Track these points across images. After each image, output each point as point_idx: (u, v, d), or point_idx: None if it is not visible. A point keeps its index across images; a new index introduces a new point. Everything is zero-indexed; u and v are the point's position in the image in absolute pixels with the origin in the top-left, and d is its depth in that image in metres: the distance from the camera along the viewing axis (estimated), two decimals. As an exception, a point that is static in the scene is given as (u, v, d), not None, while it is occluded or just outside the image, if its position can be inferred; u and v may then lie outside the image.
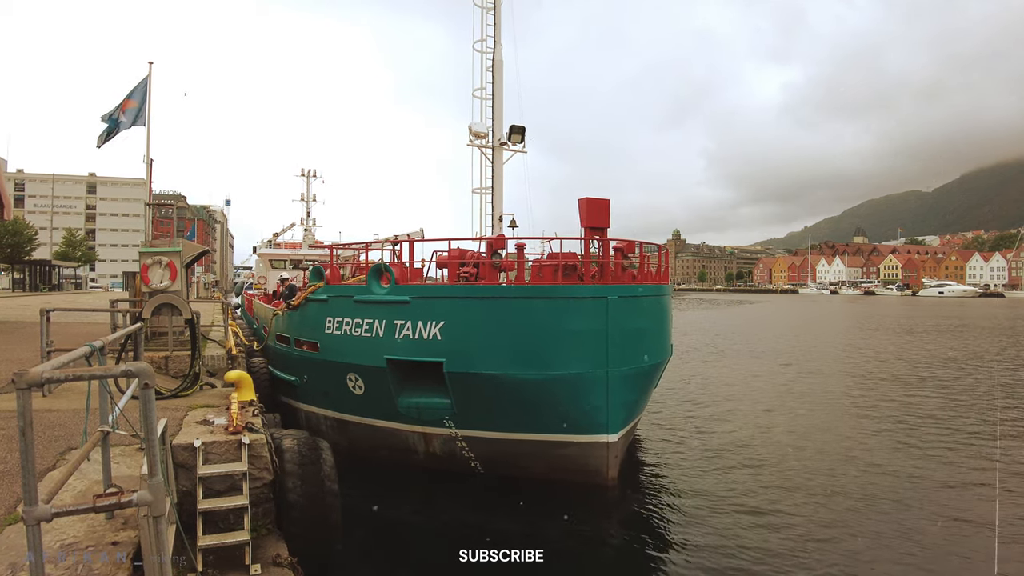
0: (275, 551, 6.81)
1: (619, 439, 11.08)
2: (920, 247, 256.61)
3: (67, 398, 8.64)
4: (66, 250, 76.86)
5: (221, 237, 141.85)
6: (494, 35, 16.07)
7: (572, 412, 10.75)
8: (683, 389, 21.49)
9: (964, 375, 24.75)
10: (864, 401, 19.52)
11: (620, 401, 10.93)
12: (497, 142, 16.11)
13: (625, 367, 10.89)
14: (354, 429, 12.72)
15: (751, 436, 15.21)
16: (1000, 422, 16.40)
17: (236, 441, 6.86)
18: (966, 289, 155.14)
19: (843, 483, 11.82)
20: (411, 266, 12.71)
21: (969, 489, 11.51)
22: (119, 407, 5.02)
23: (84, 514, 3.89)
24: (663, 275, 13.44)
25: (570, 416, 10.77)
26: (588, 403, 10.71)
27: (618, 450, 11.15)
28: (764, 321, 61.63)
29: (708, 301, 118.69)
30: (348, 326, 11.94)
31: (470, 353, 10.69)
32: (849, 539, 9.36)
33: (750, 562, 8.60)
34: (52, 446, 6.48)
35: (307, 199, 37.99)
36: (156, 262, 11.04)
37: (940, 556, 8.80)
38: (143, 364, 3.45)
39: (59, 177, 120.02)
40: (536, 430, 11.00)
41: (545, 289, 10.98)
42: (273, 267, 31.51)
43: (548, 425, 10.89)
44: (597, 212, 11.66)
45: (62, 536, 4.52)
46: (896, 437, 15.02)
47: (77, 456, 3.68)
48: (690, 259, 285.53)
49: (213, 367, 12.32)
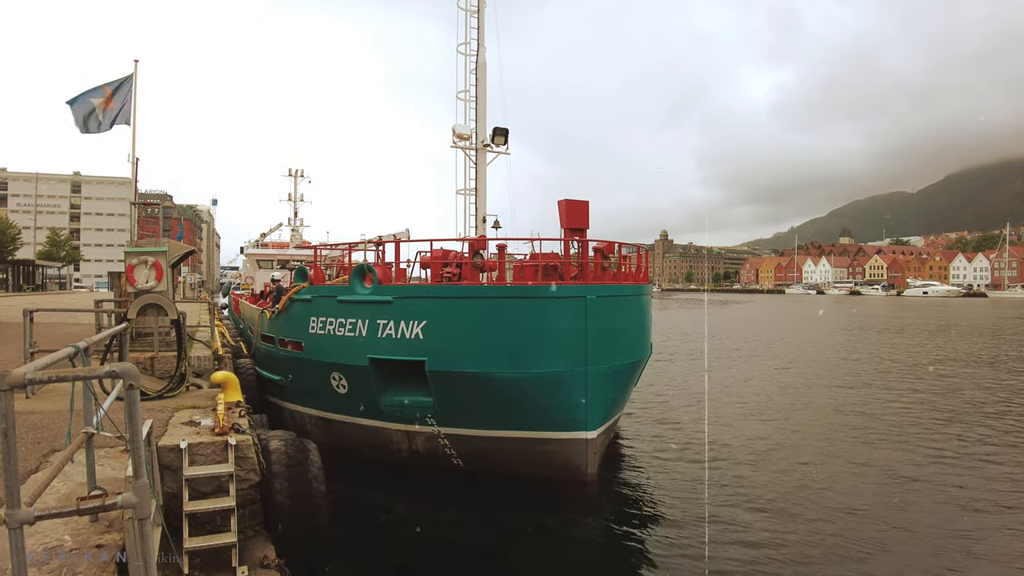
0: (262, 553, 6.78)
1: (598, 436, 11.28)
2: (905, 247, 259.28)
3: (51, 399, 8.55)
4: (50, 250, 75.90)
5: (208, 237, 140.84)
6: (478, 38, 16.26)
7: (552, 409, 10.95)
8: (665, 387, 21.75)
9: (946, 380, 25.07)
10: (846, 401, 19.72)
11: (599, 399, 11.13)
12: (481, 144, 16.31)
13: (604, 365, 11.10)
14: (338, 427, 12.86)
15: (732, 434, 15.43)
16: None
17: (223, 442, 6.83)
18: (950, 289, 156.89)
19: (821, 478, 12.05)
20: (397, 266, 12.81)
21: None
22: (104, 408, 4.98)
23: (68, 517, 3.85)
24: (643, 275, 13.77)
25: (550, 413, 10.97)
26: (567, 400, 10.91)
27: (598, 446, 11.35)
28: (750, 321, 61.96)
29: (697, 301, 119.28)
30: (332, 326, 12.10)
31: (451, 352, 10.88)
32: (826, 530, 9.59)
33: (725, 555, 8.77)
34: (35, 448, 6.41)
35: (294, 199, 37.95)
36: (142, 262, 10.96)
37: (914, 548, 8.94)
38: (128, 365, 3.43)
39: (43, 176, 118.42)
40: (517, 427, 11.18)
41: (525, 289, 11.15)
42: (260, 267, 31.39)
43: (529, 422, 11.09)
44: (576, 213, 11.86)
45: (45, 539, 4.47)
46: (878, 435, 15.24)
47: (61, 458, 3.65)
48: (677, 259, 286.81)
49: (199, 368, 12.24)
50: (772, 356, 31.26)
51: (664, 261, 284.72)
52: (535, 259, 12.62)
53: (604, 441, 11.91)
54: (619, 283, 12.67)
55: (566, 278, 11.57)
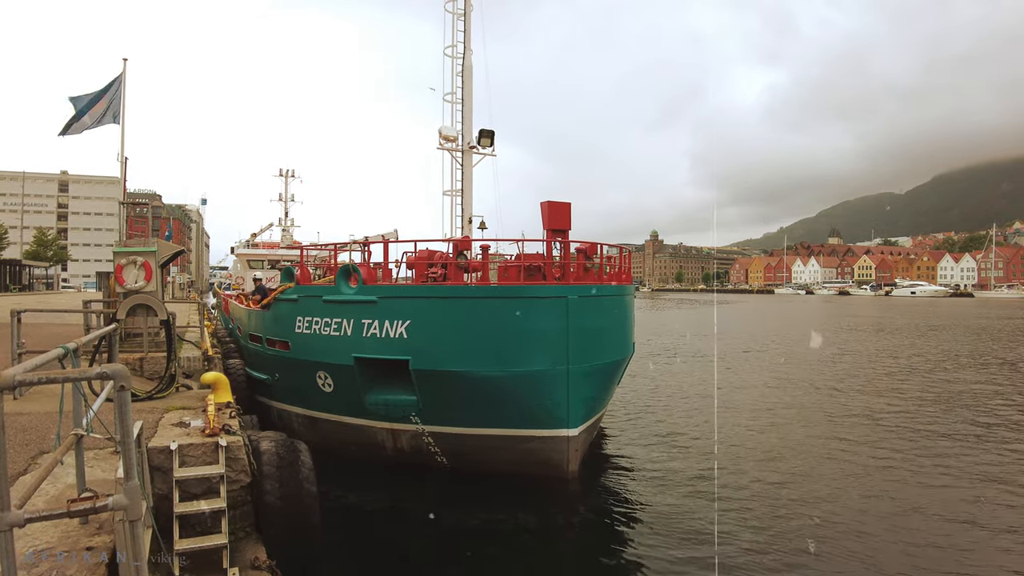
0: (253, 554, 6.76)
1: (579, 433, 11.47)
2: (893, 248, 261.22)
3: (40, 401, 8.48)
4: (37, 250, 75.20)
5: (197, 237, 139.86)
6: (464, 41, 16.48)
7: (533, 408, 11.13)
8: (649, 386, 21.92)
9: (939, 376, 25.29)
10: (832, 401, 19.86)
11: (580, 397, 11.32)
12: (467, 146, 16.53)
13: (585, 364, 11.29)
14: (324, 426, 13.04)
15: (714, 431, 15.57)
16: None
17: (213, 443, 6.80)
18: (937, 289, 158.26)
19: (803, 470, 12.32)
20: (385, 266, 12.96)
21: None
22: (93, 410, 4.95)
23: (58, 519, 3.82)
24: (625, 276, 14.09)
25: (531, 411, 11.15)
26: (549, 399, 11.10)
27: (579, 444, 11.54)
28: (746, 321, 62.26)
29: (688, 301, 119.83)
30: (318, 325, 12.30)
31: (435, 351, 11.05)
32: (804, 522, 9.78)
33: (703, 552, 8.88)
34: (24, 450, 6.35)
35: (285, 199, 37.84)
36: (131, 262, 10.89)
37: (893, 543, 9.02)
38: (118, 366, 3.41)
39: (29, 175, 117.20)
40: (499, 425, 11.36)
41: (507, 289, 11.31)
42: (251, 267, 31.27)
43: (511, 420, 11.27)
44: (558, 215, 12.08)
45: (35, 542, 4.44)
46: (855, 431, 15.38)
47: (50, 460, 3.63)
48: (668, 259, 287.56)
49: (189, 368, 12.17)
50: (771, 355, 31.40)
51: (655, 261, 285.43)
52: (520, 260, 12.83)
53: (586, 439, 12.13)
54: (602, 283, 12.88)
55: (548, 278, 11.76)
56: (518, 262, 12.75)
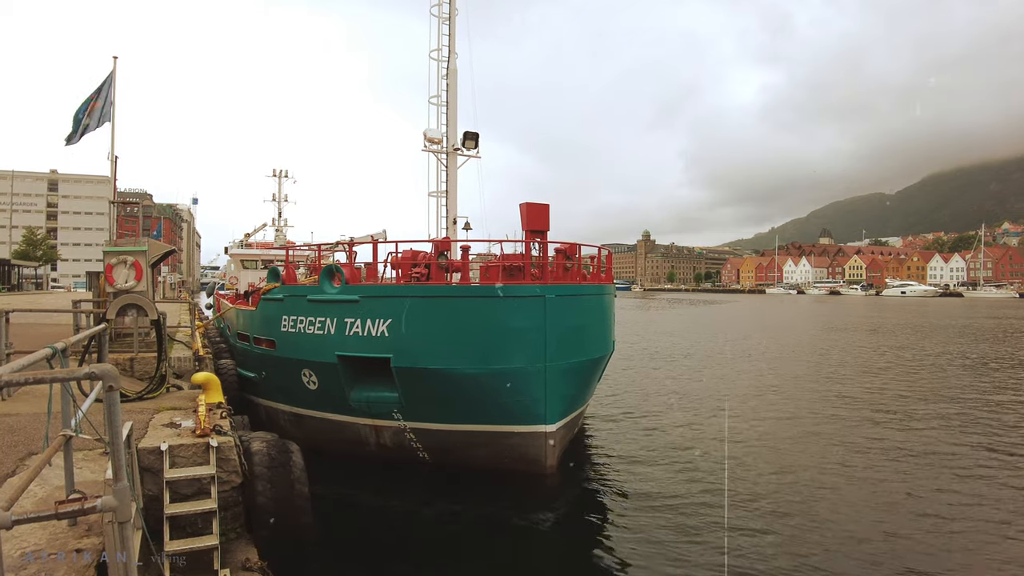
0: (245, 555, 6.73)
1: (558, 429, 11.70)
2: (883, 248, 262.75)
3: (28, 402, 8.41)
4: (26, 249, 74.55)
5: (188, 236, 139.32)
6: (449, 44, 16.65)
7: (512, 404, 11.36)
8: (633, 387, 22.03)
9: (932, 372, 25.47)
10: (820, 401, 19.97)
11: (558, 393, 11.58)
12: (451, 148, 16.74)
13: (563, 361, 11.57)
14: (309, 423, 13.28)
15: (695, 430, 15.68)
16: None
17: (204, 444, 6.76)
18: (927, 289, 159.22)
19: (786, 466, 12.35)
20: (374, 266, 13.10)
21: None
22: (82, 410, 4.92)
23: (46, 521, 3.79)
24: (605, 276, 14.36)
25: (510, 408, 11.38)
26: (527, 395, 11.34)
27: (557, 440, 11.75)
28: (740, 321, 62.47)
29: (681, 301, 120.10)
30: (302, 324, 12.50)
31: (415, 349, 11.27)
32: (784, 521, 9.86)
33: (679, 548, 8.95)
34: (12, 451, 6.30)
35: (279, 200, 37.80)
36: (121, 262, 10.85)
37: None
38: (107, 366, 3.39)
39: (19, 174, 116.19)
40: (479, 421, 11.58)
41: (486, 288, 11.47)
42: (245, 267, 31.20)
43: (490, 416, 11.49)
44: (537, 216, 12.30)
45: (23, 544, 4.40)
46: (840, 426, 15.43)
47: (38, 461, 3.59)
48: (660, 259, 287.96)
49: (180, 369, 12.12)
50: (770, 357, 31.51)
51: (647, 261, 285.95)
52: (505, 260, 13.04)
53: (565, 435, 12.36)
54: (580, 283, 13.12)
55: (527, 278, 11.97)
56: (499, 262, 12.93)
